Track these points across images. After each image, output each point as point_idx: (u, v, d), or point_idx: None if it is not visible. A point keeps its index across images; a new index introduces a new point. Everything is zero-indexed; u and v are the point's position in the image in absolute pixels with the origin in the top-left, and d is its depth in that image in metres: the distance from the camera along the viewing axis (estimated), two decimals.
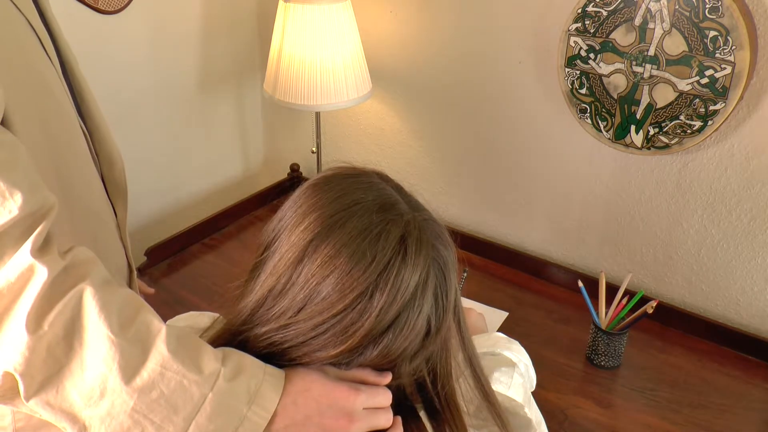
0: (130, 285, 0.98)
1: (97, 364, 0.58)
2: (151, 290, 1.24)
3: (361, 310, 0.59)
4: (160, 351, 0.60)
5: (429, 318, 0.63)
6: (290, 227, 0.63)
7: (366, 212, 0.61)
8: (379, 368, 0.64)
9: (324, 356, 0.62)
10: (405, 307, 0.60)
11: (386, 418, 0.65)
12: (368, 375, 0.64)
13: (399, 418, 0.66)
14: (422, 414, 0.69)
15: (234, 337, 0.67)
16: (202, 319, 0.78)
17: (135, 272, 1.00)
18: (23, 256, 0.59)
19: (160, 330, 0.61)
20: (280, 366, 0.64)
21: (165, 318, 0.85)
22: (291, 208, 0.65)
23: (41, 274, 0.58)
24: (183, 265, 1.56)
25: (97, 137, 0.88)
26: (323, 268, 0.60)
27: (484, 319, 1.17)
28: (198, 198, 1.83)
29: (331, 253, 0.60)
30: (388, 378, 0.64)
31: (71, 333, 0.58)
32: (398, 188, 0.67)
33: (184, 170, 1.76)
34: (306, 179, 1.55)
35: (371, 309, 0.59)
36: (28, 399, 0.59)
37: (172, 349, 0.60)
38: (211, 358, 0.61)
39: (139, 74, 1.56)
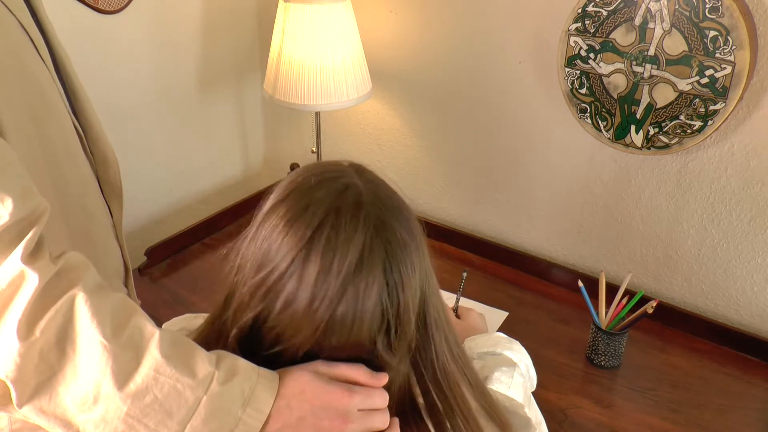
0: (126, 285, 0.98)
1: (90, 369, 0.58)
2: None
3: (299, 276, 0.59)
4: (153, 355, 0.59)
5: (381, 298, 0.60)
6: (263, 211, 0.65)
7: (324, 187, 0.63)
8: (355, 359, 0.64)
9: (296, 341, 0.62)
10: (348, 278, 0.59)
11: (382, 420, 0.64)
12: (363, 376, 0.63)
13: (396, 420, 0.66)
14: (425, 416, 0.68)
15: (212, 325, 0.68)
16: (198, 321, 0.78)
17: (131, 272, 1.00)
18: (14, 262, 0.59)
19: (153, 334, 0.61)
20: (268, 364, 0.64)
21: (164, 319, 0.86)
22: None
23: (32, 280, 0.58)
24: (183, 265, 1.56)
25: (92, 137, 0.88)
26: (273, 231, 0.61)
27: (485, 319, 1.17)
28: (198, 198, 1.83)
29: (279, 215, 0.62)
30: (383, 379, 0.64)
31: (64, 339, 0.58)
32: (360, 170, 0.66)
33: (184, 170, 1.76)
34: None
35: (307, 274, 0.59)
36: (21, 406, 0.59)
37: (165, 353, 0.60)
38: (204, 361, 0.61)
39: (139, 74, 1.56)
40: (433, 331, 0.67)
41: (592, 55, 1.27)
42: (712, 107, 1.17)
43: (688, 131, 1.21)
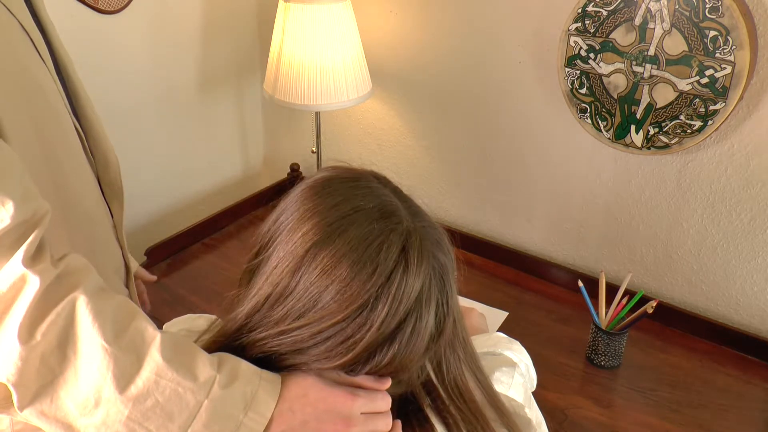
0: (127, 286, 0.98)
1: (91, 373, 0.58)
2: (153, 277, 1.19)
3: (362, 322, 0.58)
4: (154, 359, 0.59)
5: (431, 327, 0.62)
6: (287, 232, 0.61)
7: (366, 220, 0.60)
8: (382, 375, 0.64)
9: (323, 367, 0.62)
10: (407, 318, 0.59)
11: (385, 423, 0.64)
12: (366, 380, 0.63)
13: (398, 422, 0.65)
14: (432, 416, 0.68)
15: (229, 342, 0.66)
16: (199, 322, 0.78)
17: (132, 273, 1.00)
18: (15, 265, 0.58)
19: (155, 337, 0.61)
20: (277, 372, 0.64)
21: (164, 319, 0.86)
22: (287, 210, 0.63)
23: (33, 283, 0.58)
24: (183, 265, 1.56)
25: (92, 138, 0.88)
26: (323, 278, 0.58)
27: (485, 319, 1.17)
28: (198, 198, 1.83)
29: (331, 262, 0.58)
30: (387, 383, 0.64)
31: (65, 342, 0.58)
32: (396, 191, 0.66)
33: (184, 170, 1.76)
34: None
35: (372, 320, 0.58)
36: (22, 409, 0.59)
37: (166, 356, 0.60)
38: (206, 364, 0.61)
39: (139, 74, 1.56)
40: (462, 343, 0.68)
41: (592, 55, 1.27)
42: (712, 107, 1.17)
43: (688, 131, 1.21)
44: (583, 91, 1.30)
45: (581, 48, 1.27)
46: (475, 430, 0.68)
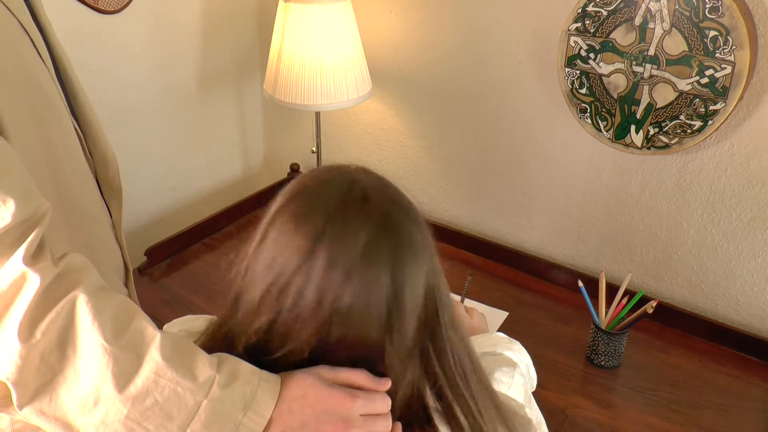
0: (126, 285, 0.98)
1: (90, 372, 0.58)
2: None
3: (308, 269, 0.59)
4: (153, 358, 0.59)
5: (387, 294, 0.60)
6: (263, 221, 0.65)
7: (321, 186, 0.63)
8: (365, 362, 0.63)
9: (302, 338, 0.61)
10: (352, 272, 0.59)
11: (384, 425, 0.64)
12: (366, 381, 0.63)
13: (398, 424, 0.65)
14: (436, 419, 0.68)
15: (219, 329, 0.67)
16: (198, 322, 0.78)
17: (131, 272, 1.00)
18: (15, 263, 0.59)
19: (155, 337, 0.61)
20: (271, 371, 0.64)
21: (164, 319, 0.86)
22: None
23: (34, 281, 0.58)
24: (183, 265, 1.56)
25: (91, 137, 0.88)
26: (279, 239, 0.61)
27: (486, 319, 1.17)
28: (198, 198, 1.83)
29: (283, 221, 0.62)
30: (386, 384, 0.64)
31: (65, 341, 0.58)
32: (367, 172, 0.66)
33: (184, 170, 1.76)
34: None
35: (315, 268, 0.59)
36: (21, 407, 0.59)
37: (166, 356, 0.60)
38: (205, 364, 0.61)
39: (139, 74, 1.56)
40: (449, 331, 0.66)
41: (592, 55, 1.27)
42: (712, 107, 1.17)
43: (688, 131, 1.21)
44: (583, 91, 1.30)
45: (581, 48, 1.27)
46: (477, 425, 0.67)
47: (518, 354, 0.93)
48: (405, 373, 0.65)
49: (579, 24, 1.26)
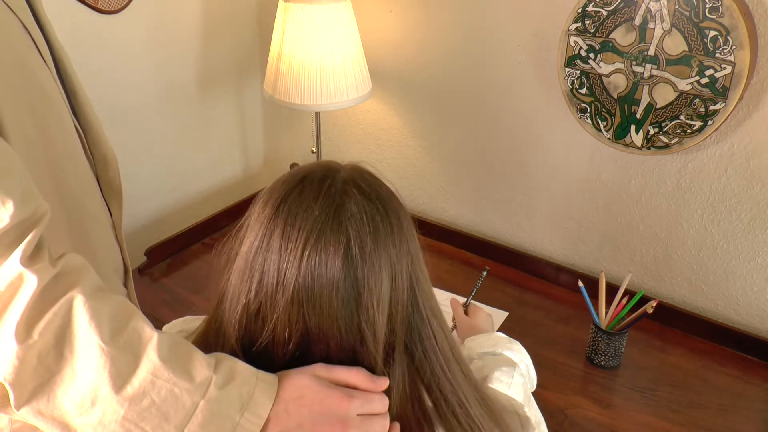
0: (126, 285, 0.98)
1: (88, 372, 0.58)
2: None
3: (268, 246, 0.61)
4: (150, 359, 0.59)
5: (345, 276, 0.60)
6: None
7: (301, 171, 0.65)
8: (354, 358, 0.63)
9: (277, 320, 0.61)
10: (307, 246, 0.60)
11: (382, 425, 0.64)
12: (363, 380, 0.63)
13: (396, 424, 0.65)
14: (434, 418, 0.68)
15: (210, 326, 0.68)
16: (197, 323, 0.78)
17: (131, 272, 1.00)
18: (13, 264, 0.58)
19: (152, 337, 0.61)
20: (259, 354, 0.64)
21: (164, 319, 0.86)
22: None
23: (31, 282, 0.58)
24: (183, 265, 1.56)
25: (92, 137, 0.88)
26: (254, 224, 0.64)
27: (492, 320, 1.16)
28: (198, 198, 1.83)
29: (258, 210, 0.64)
30: (384, 384, 0.64)
31: (62, 342, 0.58)
32: (354, 163, 0.67)
33: (184, 170, 1.76)
34: None
35: (275, 242, 0.60)
36: (18, 408, 0.58)
37: (163, 356, 0.60)
38: (203, 365, 0.61)
39: (139, 74, 1.56)
40: (430, 326, 0.66)
41: (592, 55, 1.27)
42: (712, 107, 1.17)
43: (688, 131, 1.21)
44: (583, 91, 1.30)
45: (581, 48, 1.27)
46: (469, 418, 0.67)
47: (518, 354, 0.93)
48: (394, 367, 0.65)
49: (579, 24, 1.26)
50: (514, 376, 0.86)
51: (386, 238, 0.62)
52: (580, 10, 1.24)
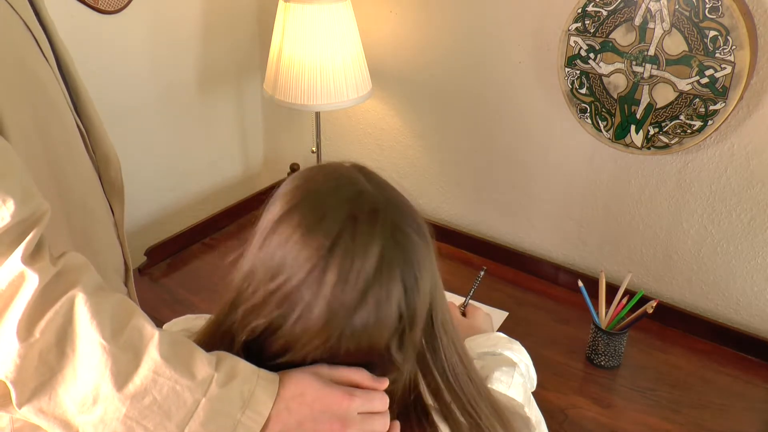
0: (126, 284, 0.98)
1: (89, 370, 0.58)
2: None
3: (317, 286, 0.58)
4: (152, 357, 0.59)
5: (399, 304, 0.60)
6: (262, 217, 0.65)
7: (325, 191, 0.63)
8: (366, 364, 0.64)
9: (306, 351, 0.61)
10: (368, 286, 0.59)
11: (382, 423, 0.64)
12: (364, 379, 0.63)
13: (396, 423, 0.65)
14: (436, 417, 0.68)
15: (218, 327, 0.67)
16: (199, 322, 0.78)
17: (132, 271, 1.00)
18: (14, 263, 0.59)
19: (153, 335, 0.61)
20: (272, 368, 0.64)
21: (164, 319, 0.86)
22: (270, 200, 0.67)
23: (32, 281, 0.58)
24: (183, 265, 1.56)
25: (94, 136, 0.88)
26: (283, 246, 0.60)
27: (491, 320, 1.16)
28: (198, 198, 1.83)
29: (288, 230, 0.61)
30: (384, 383, 0.64)
31: (63, 340, 0.58)
32: (365, 172, 0.66)
33: (184, 170, 1.76)
34: None
35: (325, 284, 0.58)
36: (20, 406, 0.59)
37: (164, 354, 0.60)
38: (204, 363, 0.61)
39: (139, 74, 1.56)
40: (441, 331, 0.67)
41: (592, 55, 1.27)
42: (712, 107, 1.17)
43: (688, 131, 1.21)
44: (583, 91, 1.30)
45: (581, 48, 1.27)
46: (474, 422, 0.67)
47: (518, 354, 0.93)
48: (404, 369, 0.65)
49: (579, 24, 1.26)
50: (514, 376, 0.86)
51: (426, 262, 0.63)
52: (580, 10, 1.24)
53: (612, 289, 1.26)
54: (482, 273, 1.28)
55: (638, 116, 1.25)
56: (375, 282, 0.59)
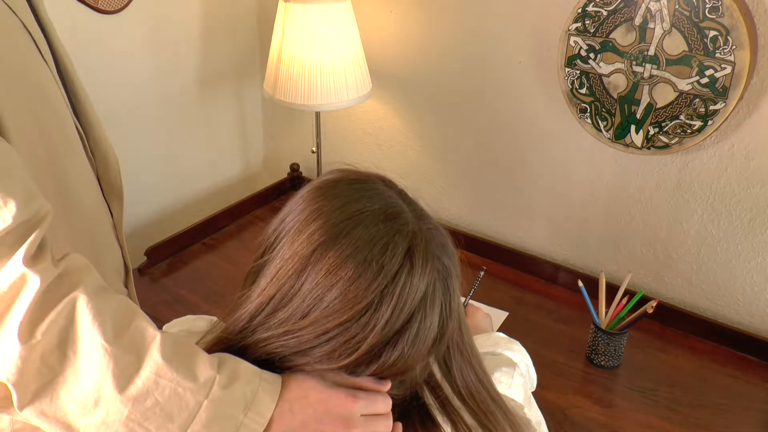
0: (126, 285, 0.98)
1: (91, 372, 0.58)
2: None
3: (366, 322, 0.58)
4: (154, 359, 0.59)
5: (435, 329, 0.62)
6: (293, 233, 0.61)
7: (372, 221, 0.60)
8: (384, 377, 0.64)
9: (326, 368, 0.62)
10: (411, 320, 0.59)
11: (385, 425, 0.64)
12: (367, 381, 0.63)
13: (399, 425, 0.65)
14: (438, 417, 0.68)
15: (232, 343, 0.65)
16: (199, 323, 0.77)
17: (131, 272, 1.00)
18: (15, 264, 0.58)
19: (155, 337, 0.61)
20: (278, 373, 0.64)
21: (164, 319, 0.86)
22: (293, 211, 0.63)
23: (34, 282, 0.58)
24: (183, 265, 1.56)
25: (93, 138, 0.88)
26: (328, 278, 0.58)
27: (491, 320, 1.16)
28: (198, 198, 1.83)
29: (336, 262, 0.58)
30: (387, 385, 0.64)
31: (65, 342, 0.58)
32: (402, 194, 0.66)
33: (184, 170, 1.76)
34: (306, 179, 1.54)
35: (377, 321, 0.58)
36: (22, 408, 0.58)
37: (166, 356, 0.60)
38: (206, 365, 0.61)
39: (139, 74, 1.56)
40: (456, 338, 0.68)
41: (592, 55, 1.27)
42: (712, 107, 1.17)
43: (688, 131, 1.21)
44: (583, 91, 1.30)
45: (581, 48, 1.27)
46: (487, 430, 0.68)
47: (518, 354, 0.93)
48: (416, 373, 0.66)
49: (579, 24, 1.26)
50: (514, 376, 0.86)
51: (457, 284, 0.65)
52: (580, 10, 1.24)
53: (612, 289, 1.26)
54: (482, 273, 1.28)
55: (638, 116, 1.25)
56: (418, 314, 0.60)
